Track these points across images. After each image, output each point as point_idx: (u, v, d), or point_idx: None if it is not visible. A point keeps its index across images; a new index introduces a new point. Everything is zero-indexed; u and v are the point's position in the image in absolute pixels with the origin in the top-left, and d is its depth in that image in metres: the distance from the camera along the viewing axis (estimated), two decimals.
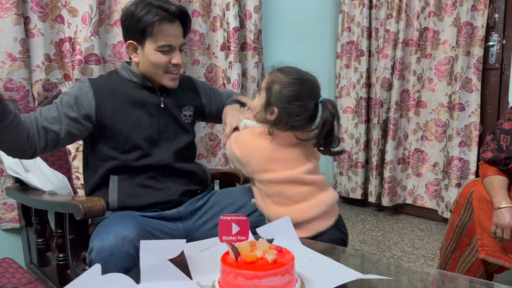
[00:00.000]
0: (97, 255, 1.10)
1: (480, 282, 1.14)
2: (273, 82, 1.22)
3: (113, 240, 1.10)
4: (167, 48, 1.33)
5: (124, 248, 1.09)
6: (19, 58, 1.71)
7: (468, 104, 2.54)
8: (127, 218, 1.21)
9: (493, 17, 2.49)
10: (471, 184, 1.61)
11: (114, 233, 1.11)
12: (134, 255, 1.09)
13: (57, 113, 1.27)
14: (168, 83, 1.38)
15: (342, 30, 3.08)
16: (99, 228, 1.20)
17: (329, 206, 1.26)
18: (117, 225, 1.14)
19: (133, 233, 1.12)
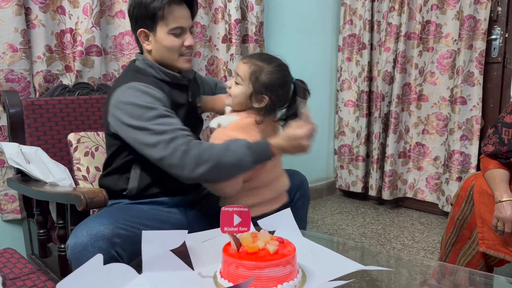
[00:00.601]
0: (71, 252, 1.10)
1: (480, 274, 1.15)
2: (257, 72, 1.26)
3: (86, 236, 1.09)
4: (179, 30, 1.34)
5: (97, 243, 1.08)
6: (20, 49, 1.70)
7: (470, 98, 2.53)
8: (111, 213, 1.20)
9: (496, 10, 2.48)
10: (472, 177, 1.61)
11: (88, 229, 1.10)
12: (109, 250, 1.09)
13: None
14: (184, 65, 1.39)
15: (344, 23, 3.07)
16: (78, 224, 1.18)
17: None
18: (92, 221, 1.13)
19: (108, 228, 1.11)
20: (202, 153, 1.16)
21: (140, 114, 1.21)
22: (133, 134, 1.22)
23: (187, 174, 1.17)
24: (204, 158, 1.16)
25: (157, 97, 1.26)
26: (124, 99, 1.24)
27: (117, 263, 0.88)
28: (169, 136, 1.18)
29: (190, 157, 1.16)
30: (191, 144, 1.18)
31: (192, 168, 1.16)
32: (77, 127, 1.73)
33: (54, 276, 1.47)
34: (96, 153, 1.65)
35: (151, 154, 1.20)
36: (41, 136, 1.66)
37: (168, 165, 1.19)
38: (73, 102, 1.75)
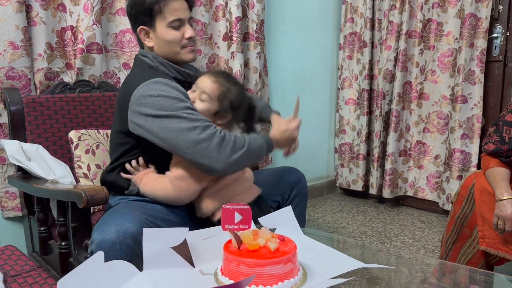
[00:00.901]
0: (97, 248, 1.10)
1: (480, 272, 1.15)
2: (225, 93, 1.31)
3: (114, 233, 1.09)
4: (178, 23, 1.35)
5: (125, 241, 1.09)
6: (21, 46, 1.70)
7: (471, 96, 2.53)
8: (133, 209, 1.20)
9: (497, 8, 2.47)
10: (473, 175, 1.61)
11: (116, 225, 1.10)
12: (135, 248, 1.09)
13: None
14: (187, 57, 1.40)
15: (345, 21, 3.06)
16: (103, 218, 1.19)
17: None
18: (120, 217, 1.13)
19: (136, 225, 1.11)
20: (236, 140, 1.23)
21: (171, 104, 1.22)
22: (164, 123, 1.21)
23: (224, 159, 1.20)
24: (239, 145, 1.23)
25: (183, 91, 1.28)
26: (151, 92, 1.24)
27: (118, 261, 0.88)
28: (203, 123, 1.21)
29: (227, 142, 1.21)
30: (224, 132, 1.23)
31: (229, 153, 1.21)
32: (77, 125, 1.73)
33: (55, 273, 1.47)
34: (97, 150, 1.65)
35: (187, 139, 1.19)
36: (42, 133, 1.66)
37: (205, 149, 1.19)
38: (74, 100, 1.75)
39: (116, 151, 1.39)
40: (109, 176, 1.40)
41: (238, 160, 1.22)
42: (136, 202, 1.32)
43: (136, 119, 1.26)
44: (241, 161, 1.24)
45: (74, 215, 1.28)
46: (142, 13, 1.34)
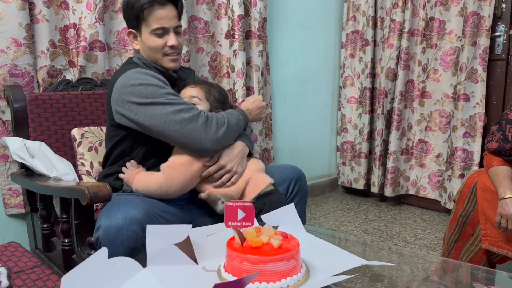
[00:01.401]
0: (104, 233, 1.12)
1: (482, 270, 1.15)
2: (209, 91, 1.45)
3: (121, 219, 1.11)
4: (161, 31, 1.39)
5: (132, 227, 1.11)
6: (24, 44, 1.70)
7: (473, 95, 2.52)
8: (135, 199, 1.22)
9: (500, 7, 2.47)
10: (476, 174, 1.61)
11: (122, 212, 1.12)
12: (141, 234, 1.10)
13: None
14: (169, 65, 1.45)
15: (347, 19, 3.06)
16: (107, 207, 1.21)
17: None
18: (125, 205, 1.16)
19: (141, 213, 1.14)
20: (218, 118, 1.32)
21: (153, 91, 1.27)
22: (149, 111, 1.26)
23: (212, 135, 1.28)
24: (221, 121, 1.32)
25: (162, 79, 1.33)
26: (132, 82, 1.29)
27: (122, 257, 0.88)
28: (187, 106, 1.29)
29: (211, 121, 1.30)
30: (206, 112, 1.32)
31: (215, 129, 1.30)
32: (80, 122, 1.73)
33: (58, 270, 1.47)
34: (99, 148, 1.65)
35: (174, 121, 1.25)
36: (45, 131, 1.66)
37: (193, 129, 1.26)
38: (76, 97, 1.75)
39: (109, 144, 1.44)
40: (105, 180, 1.43)
41: (223, 136, 1.32)
42: (137, 196, 1.33)
43: (120, 109, 1.31)
44: (226, 136, 1.33)
45: (77, 212, 1.28)
46: (130, 17, 1.40)
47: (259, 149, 2.62)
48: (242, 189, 1.38)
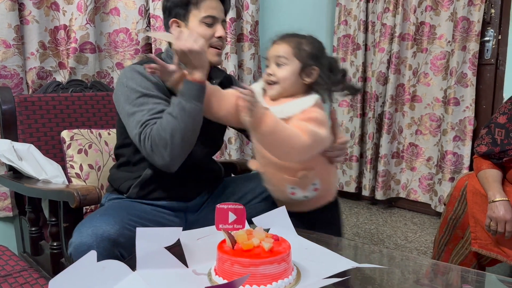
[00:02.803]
0: (74, 250, 1.09)
1: (472, 272, 1.15)
2: (299, 45, 1.21)
3: (91, 236, 1.08)
4: (211, 20, 1.30)
5: (102, 244, 1.07)
6: (13, 45, 1.69)
7: (463, 99, 2.55)
8: (116, 211, 1.19)
9: (489, 12, 2.50)
10: (466, 177, 1.62)
11: (93, 227, 1.09)
12: (114, 251, 1.08)
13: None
14: (213, 58, 1.33)
15: (339, 23, 3.08)
16: (83, 221, 1.17)
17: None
18: (98, 219, 1.12)
19: (114, 228, 1.10)
20: (156, 133, 1.15)
21: (134, 98, 1.22)
22: (126, 117, 1.23)
23: (162, 162, 1.17)
24: (162, 136, 1.15)
25: (154, 82, 1.25)
26: (123, 80, 1.26)
27: (111, 260, 0.87)
28: (141, 124, 1.19)
29: (155, 139, 1.15)
30: (148, 129, 1.18)
31: (162, 151, 1.16)
32: (70, 125, 1.71)
33: (46, 274, 1.45)
34: (89, 150, 1.63)
35: (136, 136, 1.20)
36: (34, 133, 1.64)
37: (146, 152, 1.19)
38: (66, 99, 1.73)
39: (119, 133, 1.40)
40: (116, 173, 1.39)
41: (172, 151, 1.16)
42: (125, 202, 1.30)
43: (115, 103, 1.29)
44: (179, 144, 1.16)
45: (66, 215, 1.26)
46: (178, 5, 1.30)
47: (251, 152, 2.62)
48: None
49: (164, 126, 1.15)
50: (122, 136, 1.36)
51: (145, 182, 1.32)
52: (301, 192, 1.24)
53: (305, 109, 1.18)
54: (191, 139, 1.19)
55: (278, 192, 1.29)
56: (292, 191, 1.24)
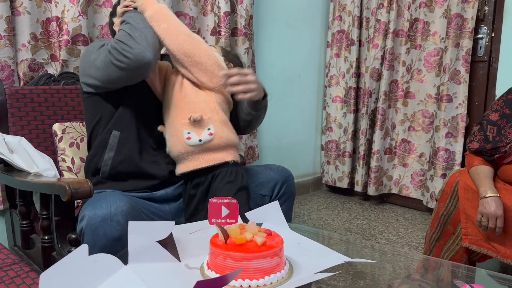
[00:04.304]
0: (88, 223, 1.10)
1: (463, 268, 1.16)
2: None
3: (106, 208, 1.10)
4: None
5: (116, 217, 1.10)
6: (4, 36, 1.66)
7: (456, 95, 2.56)
8: (119, 195, 1.21)
9: (483, 9, 2.50)
10: (457, 173, 1.63)
11: (108, 202, 1.12)
12: (125, 225, 1.08)
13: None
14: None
15: (333, 18, 3.07)
16: (91, 199, 1.19)
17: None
18: (111, 196, 1.15)
19: (126, 205, 1.13)
20: (117, 40, 1.25)
21: (96, 46, 1.34)
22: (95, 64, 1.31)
23: (131, 52, 1.22)
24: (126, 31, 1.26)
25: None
26: (88, 47, 1.39)
27: (103, 254, 0.87)
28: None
29: (120, 39, 1.24)
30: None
31: (129, 39, 1.24)
32: (62, 117, 1.70)
33: (37, 268, 1.44)
34: (81, 144, 1.62)
35: (107, 60, 1.26)
36: (25, 125, 1.63)
37: (122, 49, 1.23)
38: (58, 92, 1.72)
39: (87, 122, 1.45)
40: (90, 160, 1.42)
41: (140, 35, 1.25)
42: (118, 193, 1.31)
43: (83, 78, 1.38)
44: (140, 35, 1.25)
45: (58, 208, 1.25)
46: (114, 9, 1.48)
47: (244, 147, 2.62)
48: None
49: (121, 31, 1.27)
50: (90, 125, 1.42)
51: (117, 150, 1.36)
52: (196, 136, 1.32)
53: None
54: (147, 32, 1.28)
55: (177, 142, 1.35)
56: (188, 135, 1.32)
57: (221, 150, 1.35)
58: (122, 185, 1.36)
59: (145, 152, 1.39)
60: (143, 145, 1.39)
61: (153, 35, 1.29)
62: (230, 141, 1.37)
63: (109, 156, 1.36)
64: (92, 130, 1.42)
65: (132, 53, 1.21)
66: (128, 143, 1.37)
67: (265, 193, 1.52)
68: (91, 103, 1.41)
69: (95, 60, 1.29)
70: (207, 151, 1.34)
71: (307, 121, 3.22)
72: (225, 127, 1.37)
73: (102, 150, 1.37)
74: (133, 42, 1.22)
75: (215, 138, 1.33)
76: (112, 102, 1.38)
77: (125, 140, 1.36)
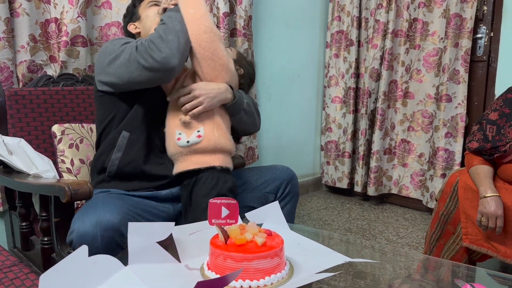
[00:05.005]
0: (78, 241, 1.08)
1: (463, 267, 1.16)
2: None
3: (95, 225, 1.07)
4: (154, 2, 1.47)
5: (106, 233, 1.08)
6: (3, 37, 1.66)
7: (455, 95, 2.56)
8: (114, 200, 1.19)
9: (482, 9, 2.51)
10: (457, 173, 1.63)
11: (97, 217, 1.09)
12: (118, 240, 1.08)
13: None
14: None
15: (332, 19, 3.07)
16: (84, 208, 1.17)
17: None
18: (101, 208, 1.12)
19: (118, 217, 1.10)
20: (149, 39, 1.24)
21: (117, 43, 1.33)
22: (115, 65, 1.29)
23: (167, 48, 1.22)
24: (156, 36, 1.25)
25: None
26: (107, 44, 1.37)
27: (102, 255, 0.87)
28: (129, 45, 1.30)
29: (154, 39, 1.23)
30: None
31: (162, 41, 1.22)
32: (61, 119, 1.70)
33: (37, 269, 1.44)
34: (80, 145, 1.62)
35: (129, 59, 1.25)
36: (24, 127, 1.62)
37: (145, 52, 1.22)
38: (57, 93, 1.71)
39: (98, 121, 1.45)
40: (94, 160, 1.43)
41: (173, 40, 1.23)
42: (118, 195, 1.31)
43: (99, 76, 1.37)
44: (172, 39, 1.24)
45: (57, 209, 1.25)
46: (129, 13, 1.52)
47: (244, 147, 2.62)
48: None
49: (157, 31, 1.26)
50: (102, 124, 1.42)
51: (124, 151, 1.36)
52: (185, 137, 1.33)
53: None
54: (182, 37, 1.26)
55: (170, 142, 1.36)
56: (179, 136, 1.33)
57: (209, 154, 1.33)
58: (127, 185, 1.36)
59: (152, 154, 1.39)
60: (151, 146, 1.39)
61: (186, 41, 1.27)
62: (219, 145, 1.34)
63: (116, 157, 1.35)
64: (103, 129, 1.42)
65: (159, 56, 1.20)
66: (137, 145, 1.36)
67: (270, 191, 1.52)
68: (104, 102, 1.41)
69: (117, 56, 1.27)
70: (195, 153, 1.33)
71: (307, 122, 3.22)
72: (217, 131, 1.35)
73: (110, 149, 1.37)
74: (164, 45, 1.21)
75: (204, 140, 1.32)
76: (126, 102, 1.38)
77: (134, 142, 1.36)
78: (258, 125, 1.56)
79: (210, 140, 1.33)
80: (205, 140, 1.32)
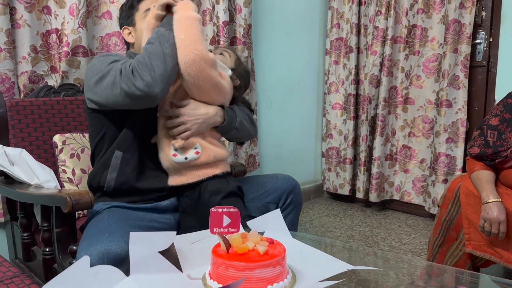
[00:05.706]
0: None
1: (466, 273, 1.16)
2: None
3: (101, 259, 1.06)
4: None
5: (110, 263, 1.05)
6: (5, 49, 1.67)
7: (455, 101, 2.56)
8: (119, 224, 1.18)
9: (481, 15, 2.52)
10: (459, 179, 1.63)
11: (105, 249, 1.07)
12: (122, 269, 1.07)
13: None
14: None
15: (331, 26, 3.09)
16: (89, 233, 1.16)
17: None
18: (108, 239, 1.11)
19: (124, 249, 1.07)
20: (134, 64, 1.20)
21: (105, 61, 1.29)
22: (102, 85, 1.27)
23: (142, 83, 1.18)
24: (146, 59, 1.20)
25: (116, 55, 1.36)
26: (94, 61, 1.34)
27: (104, 265, 0.86)
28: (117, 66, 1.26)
29: (139, 65, 1.20)
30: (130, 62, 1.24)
31: (150, 68, 1.19)
32: (62, 129, 1.70)
33: (39, 280, 1.44)
34: (81, 155, 1.62)
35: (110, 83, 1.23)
36: (26, 137, 1.63)
37: (128, 77, 1.19)
38: (58, 103, 1.72)
39: (91, 138, 1.44)
40: (89, 177, 1.42)
41: (158, 66, 1.19)
42: (119, 210, 1.30)
43: (88, 94, 1.34)
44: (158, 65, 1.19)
45: (59, 220, 1.25)
46: (125, 16, 1.46)
47: (245, 155, 2.62)
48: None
49: (143, 53, 1.22)
50: (94, 140, 1.41)
51: (119, 171, 1.34)
52: (182, 154, 1.32)
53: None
54: (170, 62, 1.21)
55: (165, 157, 1.35)
56: (174, 152, 1.32)
57: (210, 166, 1.34)
58: (127, 199, 1.35)
59: (147, 170, 1.37)
60: (146, 163, 1.37)
61: (173, 67, 1.23)
62: (218, 157, 1.35)
63: (111, 177, 1.34)
64: (95, 146, 1.41)
65: (141, 84, 1.17)
66: (131, 163, 1.35)
67: (271, 200, 1.51)
68: (95, 119, 1.39)
69: (103, 77, 1.25)
70: (195, 168, 1.33)
71: (307, 129, 3.22)
72: (213, 144, 1.36)
73: (103, 169, 1.36)
74: (147, 72, 1.18)
75: (202, 156, 1.32)
76: (117, 119, 1.36)
77: (127, 161, 1.35)
78: (253, 134, 1.54)
79: (209, 155, 1.33)
80: (203, 156, 1.32)
